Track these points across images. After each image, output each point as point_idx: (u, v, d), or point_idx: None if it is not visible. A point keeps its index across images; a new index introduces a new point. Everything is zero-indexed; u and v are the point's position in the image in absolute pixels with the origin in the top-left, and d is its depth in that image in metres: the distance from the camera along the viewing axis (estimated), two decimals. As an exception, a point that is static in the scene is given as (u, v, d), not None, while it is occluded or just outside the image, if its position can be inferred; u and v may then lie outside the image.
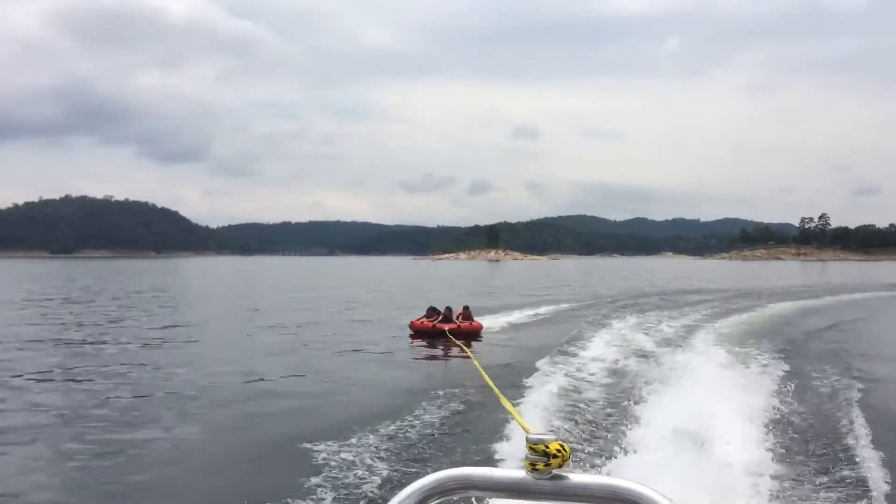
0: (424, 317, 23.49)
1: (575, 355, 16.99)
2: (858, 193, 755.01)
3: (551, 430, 1.35)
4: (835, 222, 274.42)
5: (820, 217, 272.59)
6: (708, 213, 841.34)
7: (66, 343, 21.11)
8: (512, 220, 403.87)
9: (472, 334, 22.34)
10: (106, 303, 37.66)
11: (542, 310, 31.31)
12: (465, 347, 17.22)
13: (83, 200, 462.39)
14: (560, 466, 1.14)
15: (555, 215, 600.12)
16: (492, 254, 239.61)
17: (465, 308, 24.23)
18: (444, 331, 21.32)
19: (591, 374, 14.51)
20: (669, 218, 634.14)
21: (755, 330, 22.99)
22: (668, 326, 23.81)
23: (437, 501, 1.18)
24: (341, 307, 35.29)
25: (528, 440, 1.16)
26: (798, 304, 34.65)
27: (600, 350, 17.99)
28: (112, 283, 60.78)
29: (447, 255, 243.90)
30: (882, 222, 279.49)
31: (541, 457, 1.14)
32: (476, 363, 12.99)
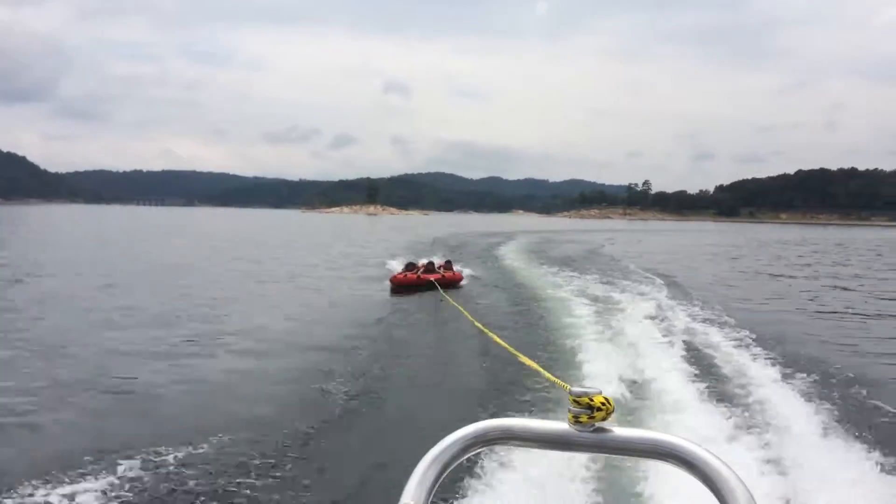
0: (406, 271, 23.62)
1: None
2: (697, 158, 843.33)
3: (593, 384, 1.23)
4: (675, 185, 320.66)
5: (644, 183, 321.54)
6: (557, 173, 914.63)
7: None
8: (373, 175, 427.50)
9: (454, 283, 23.25)
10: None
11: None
12: (461, 308, 15.62)
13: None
14: (604, 419, 1.15)
15: (415, 172, 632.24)
16: (371, 208, 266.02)
17: (448, 261, 25.74)
18: (432, 280, 21.26)
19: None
20: (522, 178, 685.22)
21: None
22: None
23: (479, 450, 1.19)
24: (310, 262, 34.65)
25: (571, 393, 1.17)
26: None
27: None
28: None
29: (333, 209, 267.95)
30: (711, 185, 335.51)
31: (584, 409, 1.15)
32: (481, 325, 12.37)
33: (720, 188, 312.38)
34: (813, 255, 49.05)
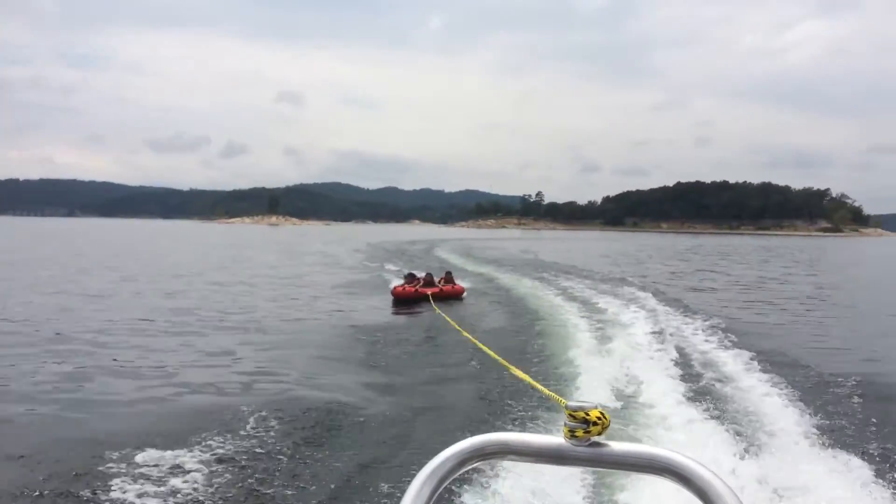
0: (405, 283, 23.73)
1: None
2: (585, 170, 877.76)
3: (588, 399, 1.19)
4: (565, 196, 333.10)
5: (537, 194, 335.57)
6: (452, 184, 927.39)
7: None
8: (268, 185, 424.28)
9: (454, 296, 23.13)
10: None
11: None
12: (453, 322, 14.96)
13: None
14: (600, 434, 1.14)
15: (310, 182, 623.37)
16: (273, 219, 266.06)
17: (448, 273, 25.59)
18: (428, 295, 21.22)
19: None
20: (418, 188, 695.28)
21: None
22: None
23: (475, 464, 1.19)
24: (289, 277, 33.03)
25: (567, 407, 1.16)
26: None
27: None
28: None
29: (234, 220, 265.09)
30: (599, 196, 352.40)
31: (580, 424, 1.14)
32: (474, 339, 11.39)
33: (607, 199, 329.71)
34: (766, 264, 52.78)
